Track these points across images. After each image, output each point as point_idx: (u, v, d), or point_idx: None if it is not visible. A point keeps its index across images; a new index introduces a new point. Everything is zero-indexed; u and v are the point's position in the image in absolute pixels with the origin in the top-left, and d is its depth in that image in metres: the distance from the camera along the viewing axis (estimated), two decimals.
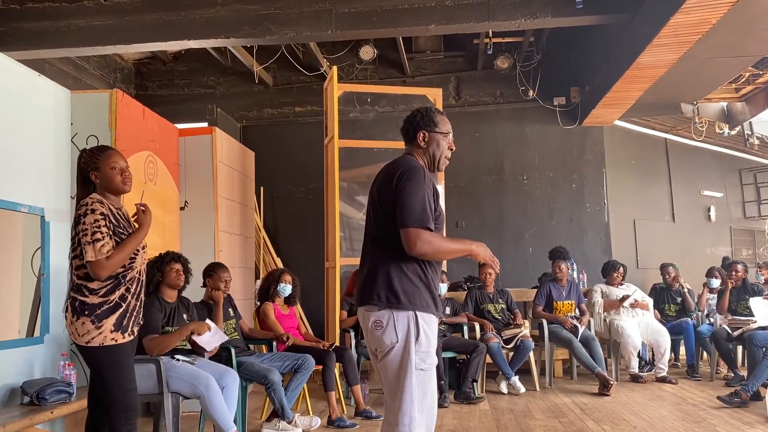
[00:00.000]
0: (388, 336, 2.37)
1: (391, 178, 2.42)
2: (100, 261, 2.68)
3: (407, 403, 2.35)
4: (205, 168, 5.55)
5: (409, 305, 2.38)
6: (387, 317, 2.37)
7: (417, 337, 2.37)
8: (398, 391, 2.37)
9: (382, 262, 2.41)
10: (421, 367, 2.38)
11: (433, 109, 2.64)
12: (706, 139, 9.35)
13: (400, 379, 2.37)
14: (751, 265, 8.61)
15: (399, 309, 2.37)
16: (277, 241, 8.14)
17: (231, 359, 4.19)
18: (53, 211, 4.18)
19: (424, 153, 2.58)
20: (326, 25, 5.80)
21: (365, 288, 2.44)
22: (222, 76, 8.48)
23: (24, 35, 5.96)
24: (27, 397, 3.59)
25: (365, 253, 2.54)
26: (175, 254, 4.09)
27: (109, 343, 2.72)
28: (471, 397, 5.34)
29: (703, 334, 6.39)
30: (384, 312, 2.38)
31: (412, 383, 2.36)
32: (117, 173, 2.86)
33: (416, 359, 2.36)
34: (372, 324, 2.39)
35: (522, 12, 5.69)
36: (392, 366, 2.38)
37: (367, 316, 2.42)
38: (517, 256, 7.97)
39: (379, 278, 2.40)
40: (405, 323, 2.37)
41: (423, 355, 2.38)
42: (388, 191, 2.41)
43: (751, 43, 5.99)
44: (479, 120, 8.22)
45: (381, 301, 2.38)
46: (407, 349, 2.36)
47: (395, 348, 2.37)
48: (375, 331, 2.39)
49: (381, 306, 2.38)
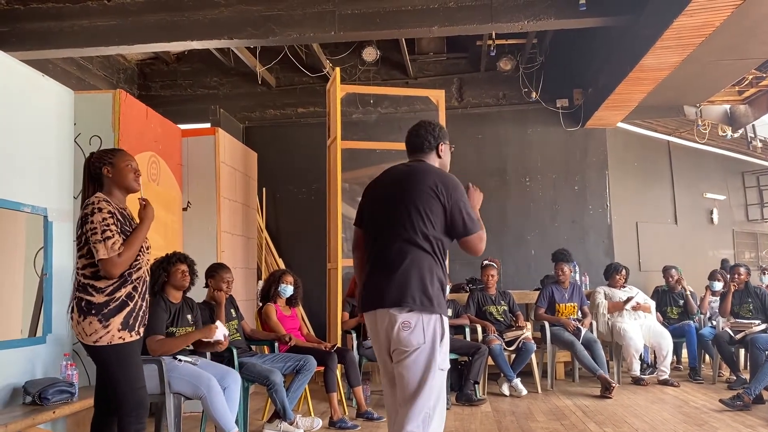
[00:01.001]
0: (415, 337, 2.45)
1: (435, 187, 2.57)
2: (112, 258, 2.69)
3: (427, 401, 2.43)
4: (207, 169, 5.55)
5: (437, 308, 2.50)
6: (416, 319, 2.46)
7: (441, 338, 2.50)
8: (419, 390, 2.44)
9: (417, 265, 2.50)
10: (442, 367, 2.49)
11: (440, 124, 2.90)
12: (709, 141, 9.34)
13: (424, 378, 2.45)
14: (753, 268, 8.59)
15: (429, 312, 2.47)
16: (279, 242, 8.14)
17: (233, 360, 4.19)
18: (56, 211, 4.19)
19: (439, 163, 2.79)
20: (329, 27, 5.80)
21: (395, 289, 2.49)
22: (225, 76, 8.49)
23: (27, 35, 5.97)
24: (29, 397, 3.59)
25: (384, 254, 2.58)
26: (181, 255, 4.09)
27: (117, 342, 2.73)
28: (473, 399, 5.33)
29: (705, 337, 6.37)
30: (414, 314, 2.46)
31: (435, 383, 2.46)
32: (130, 170, 2.91)
33: (439, 359, 2.48)
34: (400, 324, 2.46)
35: (525, 14, 5.69)
36: (416, 366, 2.46)
37: (392, 316, 2.48)
38: (519, 258, 7.96)
39: (413, 281, 2.48)
40: (432, 325, 2.48)
41: (444, 355, 2.51)
42: (437, 202, 2.56)
43: (754, 45, 5.99)
44: (482, 122, 8.22)
45: (415, 303, 2.46)
46: (433, 350, 2.46)
47: (420, 349, 2.45)
48: (402, 331, 2.46)
49: (414, 308, 2.46)
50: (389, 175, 2.75)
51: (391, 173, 2.76)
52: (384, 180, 2.75)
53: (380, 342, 2.57)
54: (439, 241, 2.56)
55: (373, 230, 2.68)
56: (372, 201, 2.74)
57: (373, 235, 2.67)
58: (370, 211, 2.73)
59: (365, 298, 2.63)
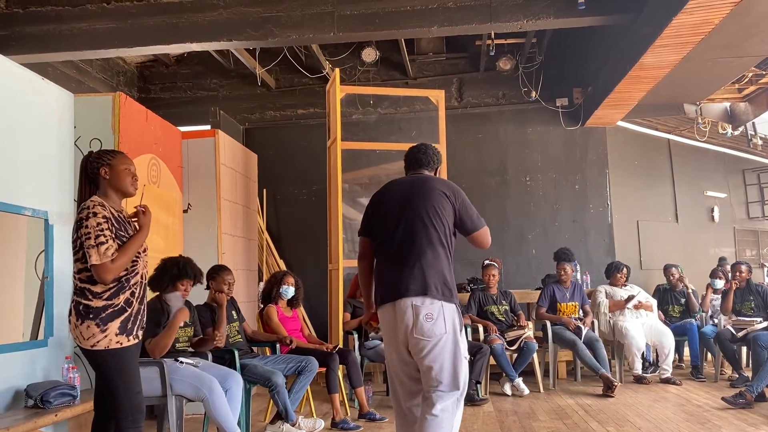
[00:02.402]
0: (438, 327, 2.62)
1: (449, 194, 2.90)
2: (105, 264, 2.67)
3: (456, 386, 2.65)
4: (208, 170, 5.55)
5: (455, 299, 2.73)
6: (438, 309, 2.64)
7: (461, 328, 2.72)
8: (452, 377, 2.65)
9: (437, 259, 2.74)
10: (465, 356, 2.68)
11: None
12: (710, 139, 9.33)
13: (455, 365, 2.64)
14: (755, 265, 8.59)
15: (450, 302, 2.69)
16: (280, 243, 8.14)
17: (234, 362, 4.19)
18: (57, 214, 4.19)
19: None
20: (328, 28, 5.80)
21: (418, 280, 2.68)
22: (224, 78, 8.50)
23: (27, 39, 5.97)
24: (31, 400, 3.59)
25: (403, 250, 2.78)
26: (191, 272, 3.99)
27: (115, 347, 2.72)
28: (475, 399, 5.33)
29: (707, 335, 6.37)
30: (436, 304, 2.64)
31: (464, 369, 2.68)
32: (128, 174, 2.88)
33: (462, 348, 2.67)
34: (424, 316, 2.61)
35: (524, 13, 5.68)
36: (444, 354, 2.63)
37: (416, 307, 2.63)
38: (520, 258, 7.96)
39: (434, 272, 2.70)
40: (452, 315, 2.68)
41: (465, 344, 2.74)
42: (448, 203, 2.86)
43: (753, 43, 5.98)
44: (482, 121, 8.21)
45: (438, 293, 2.66)
46: (455, 338, 2.66)
47: (444, 338, 2.61)
48: (426, 322, 2.61)
49: (437, 297, 2.65)
50: (398, 185, 3.00)
51: (399, 183, 3.03)
52: (394, 189, 2.99)
53: (398, 334, 2.70)
54: (451, 238, 2.83)
55: (388, 233, 2.87)
56: (384, 208, 2.94)
57: (387, 238, 2.85)
58: (381, 218, 2.92)
59: (384, 291, 2.78)
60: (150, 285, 3.89)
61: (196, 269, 4.06)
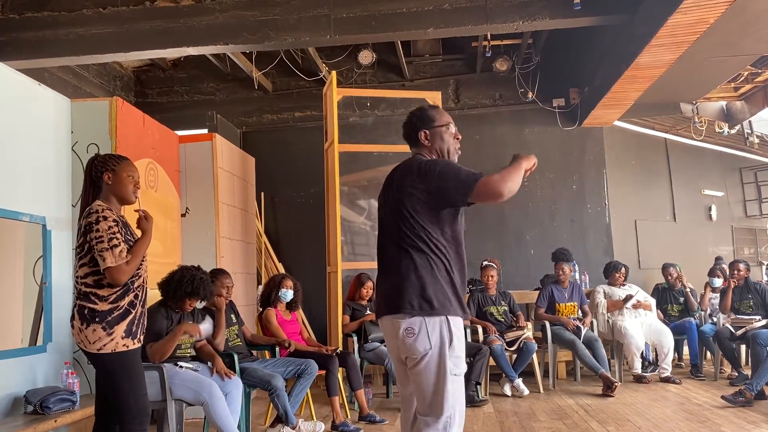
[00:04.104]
0: (421, 343, 2.32)
1: (414, 179, 2.40)
2: (120, 266, 2.69)
3: (448, 410, 2.31)
4: (205, 174, 5.55)
5: (442, 310, 2.34)
6: (419, 324, 2.33)
7: (450, 342, 2.34)
8: (436, 399, 2.32)
9: (412, 269, 2.37)
10: (455, 372, 2.34)
11: (427, 107, 2.63)
12: (706, 138, 9.35)
13: (438, 386, 2.32)
14: (753, 263, 8.60)
15: (431, 315, 2.33)
16: (279, 246, 8.14)
17: (234, 365, 4.19)
18: (55, 220, 4.19)
19: (431, 151, 2.56)
20: (325, 30, 5.81)
21: (393, 296, 2.39)
22: (221, 82, 8.50)
23: (23, 45, 5.97)
24: (30, 406, 3.59)
25: (385, 260, 2.49)
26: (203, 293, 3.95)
27: (121, 350, 2.73)
28: (475, 400, 5.33)
29: (706, 334, 6.38)
30: (416, 319, 2.33)
31: (449, 390, 2.32)
32: (131, 182, 2.90)
33: (450, 364, 2.33)
34: (403, 332, 2.34)
35: (520, 14, 5.69)
36: (427, 373, 2.33)
37: (395, 324, 2.37)
38: (518, 258, 7.96)
39: (409, 285, 2.36)
40: (437, 329, 2.33)
41: (456, 360, 2.35)
42: (415, 191, 2.39)
43: (749, 42, 5.99)
44: (479, 122, 8.22)
45: (414, 308, 2.33)
46: (442, 355, 2.32)
47: (428, 355, 2.32)
48: (407, 338, 2.33)
49: (414, 314, 2.33)
50: (388, 177, 2.64)
51: (390, 174, 2.64)
52: (384, 182, 2.65)
53: (391, 349, 2.49)
54: (436, 237, 2.39)
55: (379, 236, 2.61)
56: (379, 206, 2.66)
57: (379, 242, 2.59)
58: (378, 217, 2.67)
59: (375, 305, 2.56)
60: (160, 288, 3.88)
61: (209, 289, 3.99)
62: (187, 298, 3.88)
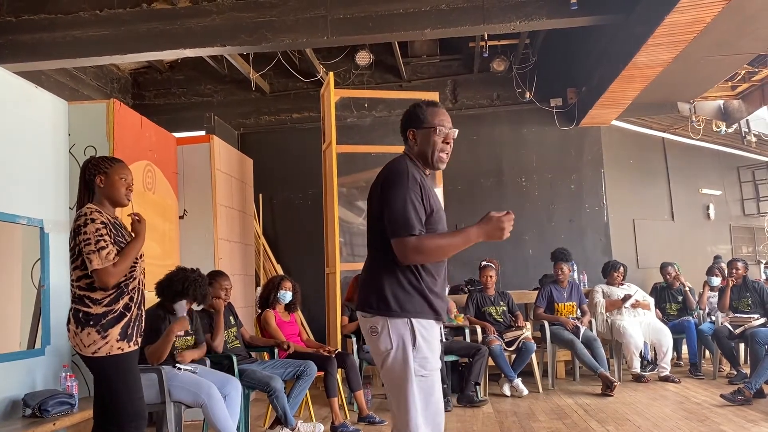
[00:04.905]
0: (382, 342, 2.33)
1: (378, 185, 2.40)
2: (107, 268, 2.68)
3: (411, 411, 2.30)
4: (203, 176, 5.54)
5: (402, 312, 2.32)
6: (381, 324, 2.34)
7: (414, 343, 2.32)
8: (401, 399, 2.32)
9: (376, 269, 2.39)
10: (422, 374, 2.32)
11: (423, 104, 2.57)
12: (704, 137, 9.36)
13: (402, 386, 2.32)
14: (751, 262, 8.61)
15: (393, 316, 2.32)
16: (277, 247, 8.14)
17: (233, 367, 4.19)
18: (52, 223, 4.18)
19: (415, 152, 2.50)
20: (322, 32, 5.81)
21: (360, 294, 2.45)
22: (219, 84, 8.50)
23: (20, 47, 5.96)
24: (29, 410, 3.58)
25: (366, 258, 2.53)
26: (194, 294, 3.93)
27: (116, 353, 2.72)
28: (474, 400, 5.33)
29: (705, 333, 6.38)
30: (378, 318, 2.34)
31: (414, 390, 2.30)
32: (123, 185, 2.88)
33: (415, 365, 2.31)
34: (368, 329, 2.38)
35: (517, 14, 5.70)
36: (392, 373, 2.35)
37: (363, 321, 2.42)
38: (517, 258, 7.97)
39: (371, 285, 2.38)
40: (399, 330, 2.32)
41: (422, 360, 2.33)
42: (376, 198, 2.39)
43: (745, 41, 6.01)
44: (477, 123, 8.23)
45: (373, 308, 2.35)
46: (405, 355, 2.31)
47: (391, 355, 2.32)
48: (371, 336, 2.37)
49: (374, 313, 2.35)
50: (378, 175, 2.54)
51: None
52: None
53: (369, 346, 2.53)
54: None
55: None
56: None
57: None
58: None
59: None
60: (156, 289, 3.90)
61: (201, 291, 3.98)
62: (178, 299, 3.89)
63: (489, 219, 2.31)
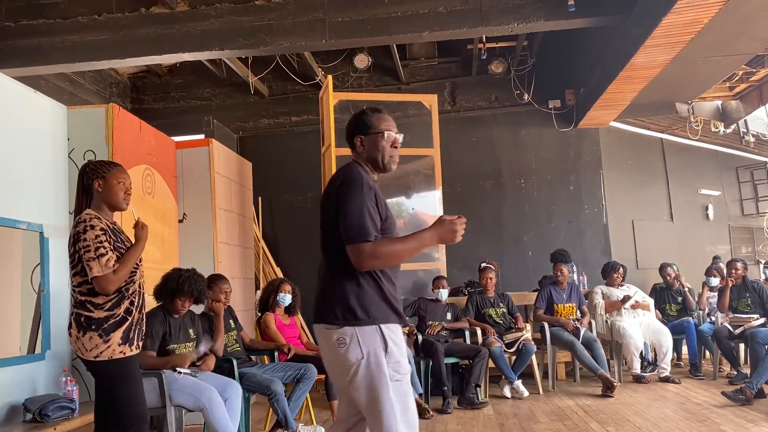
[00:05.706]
0: (352, 353, 2.27)
1: (330, 191, 2.37)
2: (107, 275, 2.68)
3: (391, 418, 2.24)
4: (202, 180, 5.55)
5: (369, 319, 2.29)
6: (350, 334, 2.27)
7: (386, 348, 2.29)
8: (378, 408, 2.26)
9: (337, 279, 2.32)
10: (396, 378, 2.29)
11: (368, 111, 2.59)
12: (702, 138, 9.38)
13: (378, 395, 2.26)
14: (750, 262, 8.61)
15: (362, 324, 2.28)
16: (277, 250, 8.14)
17: (233, 371, 4.18)
18: (52, 227, 4.18)
19: (364, 158, 2.51)
20: (320, 35, 5.82)
21: (320, 305, 2.37)
22: (217, 87, 8.51)
23: (19, 52, 5.97)
24: (29, 414, 3.58)
25: (320, 266, 2.46)
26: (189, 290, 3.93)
27: (118, 357, 2.72)
28: (474, 402, 5.33)
29: (704, 333, 6.38)
30: (346, 329, 2.28)
31: (391, 396, 2.26)
32: (121, 189, 2.88)
33: (390, 371, 2.28)
34: (335, 341, 2.29)
35: (515, 16, 5.71)
36: (365, 383, 2.27)
37: (326, 333, 2.32)
38: (516, 260, 7.97)
39: (334, 295, 2.32)
40: (368, 338, 2.28)
41: (396, 365, 2.30)
42: (331, 203, 2.34)
43: (743, 41, 6.02)
44: (475, 125, 8.24)
45: (338, 319, 2.29)
46: (378, 362, 2.27)
47: (362, 364, 2.26)
48: (338, 348, 2.28)
49: (341, 324, 2.28)
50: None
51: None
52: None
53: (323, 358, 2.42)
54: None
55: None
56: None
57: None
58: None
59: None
60: (154, 294, 3.90)
61: (197, 287, 3.96)
62: (175, 297, 3.89)
63: (441, 222, 2.32)
